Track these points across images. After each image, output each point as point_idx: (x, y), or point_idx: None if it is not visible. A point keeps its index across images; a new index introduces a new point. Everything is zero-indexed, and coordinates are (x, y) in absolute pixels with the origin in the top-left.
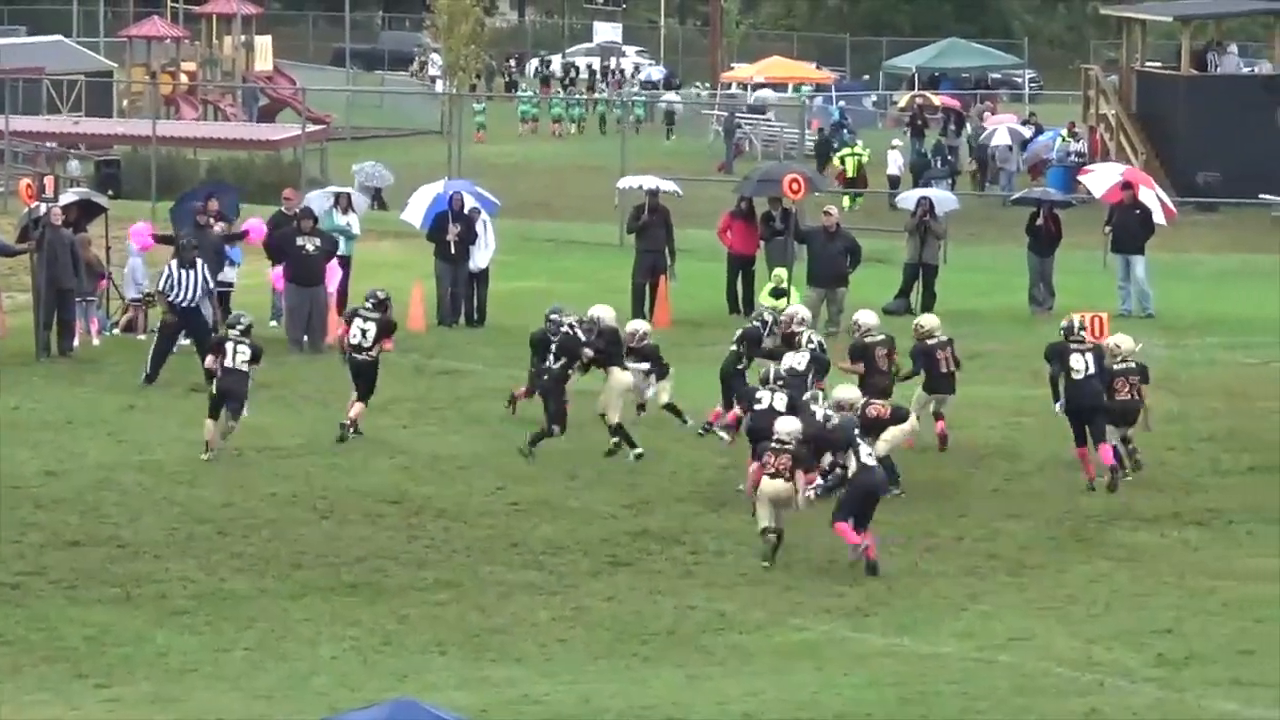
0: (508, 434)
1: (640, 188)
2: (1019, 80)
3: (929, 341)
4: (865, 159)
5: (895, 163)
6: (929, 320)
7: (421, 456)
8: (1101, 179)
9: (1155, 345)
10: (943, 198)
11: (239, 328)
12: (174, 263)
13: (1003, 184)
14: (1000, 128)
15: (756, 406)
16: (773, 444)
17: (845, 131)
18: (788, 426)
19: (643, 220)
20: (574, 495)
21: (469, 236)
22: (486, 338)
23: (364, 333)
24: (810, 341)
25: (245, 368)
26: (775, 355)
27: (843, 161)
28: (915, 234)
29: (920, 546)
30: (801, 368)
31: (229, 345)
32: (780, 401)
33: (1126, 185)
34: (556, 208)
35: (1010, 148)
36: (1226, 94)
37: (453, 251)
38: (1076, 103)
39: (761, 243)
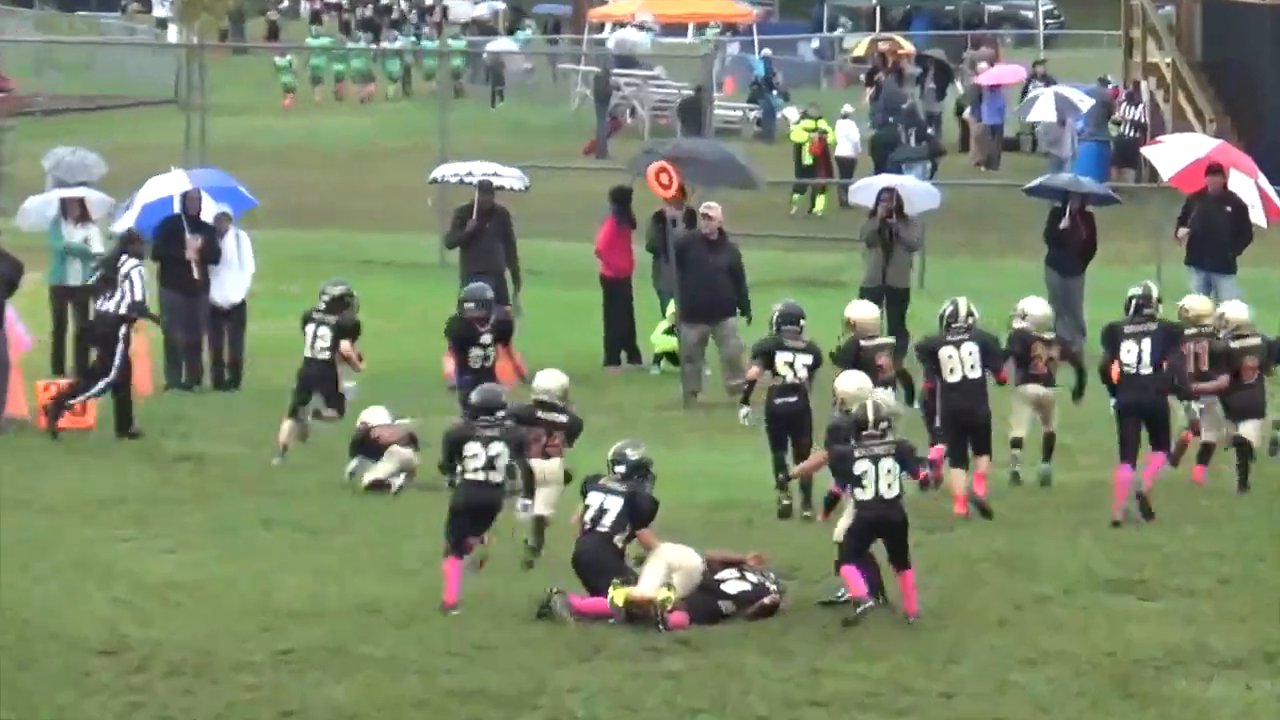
0: (273, 548)
1: (466, 180)
2: (1029, 15)
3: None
4: (830, 135)
5: (848, 138)
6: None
7: (149, 583)
8: (1174, 155)
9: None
10: (916, 190)
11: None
12: None
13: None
14: (1044, 94)
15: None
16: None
17: (773, 93)
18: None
19: (471, 228)
20: (375, 638)
21: (212, 255)
22: (241, 406)
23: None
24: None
25: (327, 355)
26: None
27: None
28: (875, 243)
29: (890, 709)
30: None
31: (309, 327)
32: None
33: (1214, 169)
34: (345, 211)
35: (1062, 122)
36: None
37: (192, 277)
38: (1113, 46)
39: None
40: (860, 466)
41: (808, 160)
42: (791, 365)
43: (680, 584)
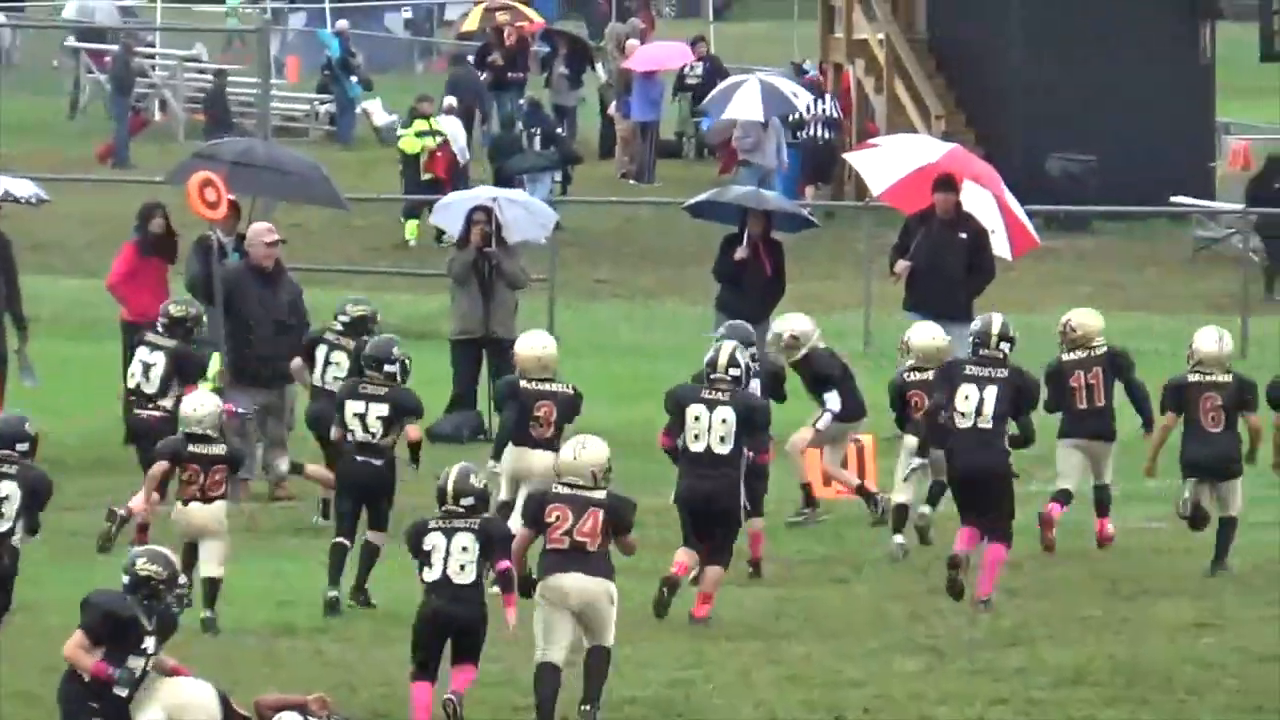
0: None
1: None
2: None
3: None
4: (440, 138)
5: (454, 140)
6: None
7: None
8: (890, 163)
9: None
10: (521, 211)
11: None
12: None
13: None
14: (749, 82)
15: None
16: None
17: (351, 79)
18: None
19: None
20: None
21: None
22: None
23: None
24: None
25: None
26: None
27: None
28: (468, 280)
29: None
30: None
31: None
32: None
33: (944, 182)
34: None
35: (764, 124)
36: (1100, 3)
37: None
38: (807, 21)
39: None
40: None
41: (427, 177)
42: (363, 417)
43: None
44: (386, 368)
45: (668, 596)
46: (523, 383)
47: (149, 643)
